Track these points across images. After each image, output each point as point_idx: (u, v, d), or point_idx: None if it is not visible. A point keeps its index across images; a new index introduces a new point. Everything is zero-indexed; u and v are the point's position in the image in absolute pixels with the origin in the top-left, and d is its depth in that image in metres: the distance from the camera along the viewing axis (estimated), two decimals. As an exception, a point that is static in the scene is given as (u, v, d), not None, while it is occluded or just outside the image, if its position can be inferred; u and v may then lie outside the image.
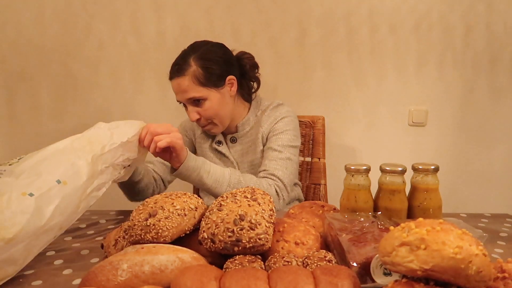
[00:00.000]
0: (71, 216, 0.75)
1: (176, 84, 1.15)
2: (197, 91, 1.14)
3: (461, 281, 0.44)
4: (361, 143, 1.80)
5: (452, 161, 1.80)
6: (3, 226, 0.62)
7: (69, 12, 1.70)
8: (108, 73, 1.76)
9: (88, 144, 0.81)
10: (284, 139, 1.19)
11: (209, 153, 1.29)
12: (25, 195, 0.67)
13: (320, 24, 1.71)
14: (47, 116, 1.78)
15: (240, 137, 1.26)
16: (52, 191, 0.70)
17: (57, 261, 0.76)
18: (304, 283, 0.50)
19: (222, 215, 0.64)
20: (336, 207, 0.87)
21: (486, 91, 1.75)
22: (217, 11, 1.70)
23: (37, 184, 0.69)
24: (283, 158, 1.16)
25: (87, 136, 0.84)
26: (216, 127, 1.22)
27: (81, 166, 0.77)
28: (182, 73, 1.13)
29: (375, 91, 1.76)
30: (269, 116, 1.24)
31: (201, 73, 1.13)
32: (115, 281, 0.56)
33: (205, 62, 1.14)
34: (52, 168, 0.74)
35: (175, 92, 1.17)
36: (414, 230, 0.46)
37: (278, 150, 1.17)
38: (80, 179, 0.76)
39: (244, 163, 1.26)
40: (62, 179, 0.72)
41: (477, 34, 1.70)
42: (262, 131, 1.22)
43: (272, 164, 1.14)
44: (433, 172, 0.83)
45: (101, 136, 0.85)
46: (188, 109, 1.18)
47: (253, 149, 1.24)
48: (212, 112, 1.17)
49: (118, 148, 0.86)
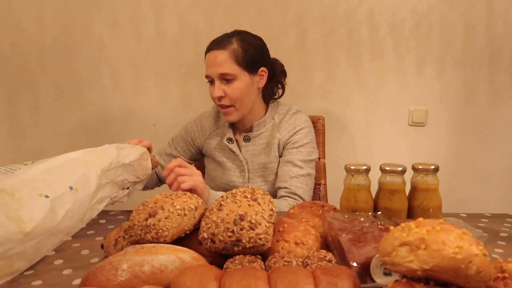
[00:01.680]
0: (77, 223, 0.81)
1: (213, 57, 1.15)
2: (231, 68, 1.14)
3: (461, 281, 0.44)
4: (361, 143, 1.80)
5: (452, 161, 1.80)
6: (22, 220, 0.67)
7: (69, 12, 1.70)
8: (108, 73, 1.76)
9: (98, 159, 0.88)
10: (304, 152, 1.21)
11: (217, 152, 1.28)
12: (41, 196, 0.72)
13: (320, 24, 1.71)
14: (47, 116, 1.78)
15: (253, 137, 1.25)
16: (65, 196, 0.76)
17: (57, 261, 0.76)
18: (304, 283, 0.50)
19: (222, 215, 0.64)
20: (336, 207, 0.87)
21: (486, 91, 1.75)
22: (217, 11, 1.69)
23: (52, 188, 0.75)
24: (304, 175, 1.19)
25: (97, 151, 0.91)
26: (235, 112, 1.19)
27: (91, 177, 0.84)
28: (222, 46, 1.15)
29: (375, 91, 1.76)
30: (288, 123, 1.24)
31: (240, 53, 1.15)
32: (115, 281, 0.56)
33: (246, 44, 1.17)
34: (66, 175, 0.80)
35: (209, 65, 1.16)
36: (414, 230, 0.46)
37: (299, 166, 1.19)
38: (90, 188, 0.83)
39: (255, 164, 1.25)
40: (74, 186, 0.79)
41: (477, 34, 1.70)
42: (280, 137, 1.23)
43: (294, 182, 1.17)
44: (433, 172, 0.83)
45: (109, 153, 0.92)
46: (215, 85, 1.16)
47: (267, 152, 1.24)
48: (238, 94, 1.16)
49: (119, 168, 0.93)
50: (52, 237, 0.74)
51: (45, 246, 0.74)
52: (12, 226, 0.66)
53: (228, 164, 1.26)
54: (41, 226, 0.69)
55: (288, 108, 1.29)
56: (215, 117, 1.32)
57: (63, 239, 0.79)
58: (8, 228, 0.65)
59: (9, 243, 0.65)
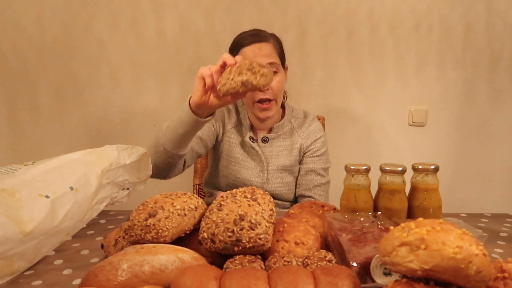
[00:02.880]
0: (78, 223, 0.81)
1: (258, 48, 1.14)
2: (276, 59, 1.17)
3: (461, 281, 0.44)
4: (361, 143, 1.81)
5: (452, 161, 1.80)
6: (22, 220, 0.67)
7: (69, 12, 1.70)
8: (108, 73, 1.76)
9: (98, 159, 0.88)
10: (324, 161, 1.27)
11: (238, 148, 1.25)
12: (41, 196, 0.72)
13: (320, 24, 1.71)
14: (47, 116, 1.78)
15: (272, 138, 1.25)
16: (65, 196, 0.76)
17: (57, 261, 0.76)
18: (304, 283, 0.50)
19: (222, 215, 0.64)
20: (336, 207, 0.87)
21: (486, 91, 1.75)
22: (217, 11, 1.70)
23: (52, 188, 0.75)
24: (325, 183, 1.25)
25: (98, 152, 0.91)
26: (274, 107, 1.19)
27: (91, 177, 0.84)
28: (265, 39, 1.16)
29: (375, 91, 1.76)
30: (309, 129, 1.27)
31: (278, 47, 1.20)
32: (115, 281, 0.56)
33: (278, 40, 1.23)
34: (66, 175, 0.80)
35: (253, 56, 1.12)
36: (414, 230, 0.46)
37: (322, 175, 1.25)
38: (90, 189, 0.83)
39: (274, 165, 1.23)
40: (75, 187, 0.79)
41: (477, 34, 1.70)
42: (302, 143, 1.25)
43: (317, 191, 1.22)
44: (433, 172, 0.83)
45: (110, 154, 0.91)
46: None
47: (286, 154, 1.24)
48: (280, 87, 1.18)
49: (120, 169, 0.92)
50: (52, 237, 0.74)
51: (45, 246, 0.74)
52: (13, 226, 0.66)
53: (247, 163, 1.24)
54: (41, 226, 0.69)
55: (303, 113, 1.32)
56: (235, 113, 1.29)
57: (63, 239, 0.80)
58: (9, 228, 0.65)
59: (9, 243, 0.65)
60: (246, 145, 1.25)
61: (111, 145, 0.95)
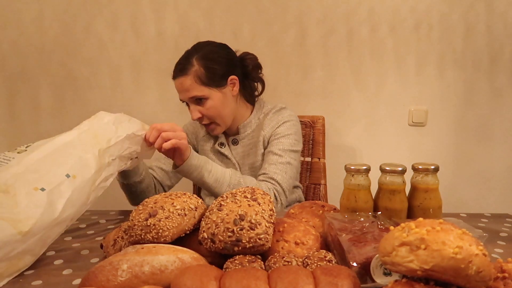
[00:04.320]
0: (81, 207, 0.78)
1: (179, 83, 1.17)
2: (199, 90, 1.15)
3: (461, 281, 0.44)
4: (361, 143, 1.80)
5: (452, 161, 1.80)
6: (19, 219, 0.65)
7: (69, 12, 1.70)
8: (108, 73, 1.76)
9: (93, 138, 0.84)
10: (285, 143, 1.19)
11: (211, 154, 1.29)
12: (37, 190, 0.70)
13: (320, 24, 1.71)
14: (47, 116, 1.78)
15: (241, 139, 1.26)
16: (62, 186, 0.73)
17: (57, 261, 0.76)
18: (304, 283, 0.50)
19: (222, 215, 0.64)
20: (336, 207, 0.87)
21: (486, 91, 1.74)
22: (217, 11, 1.70)
23: (47, 179, 0.72)
24: (283, 163, 1.16)
25: (93, 130, 0.86)
26: (218, 127, 1.22)
27: (88, 160, 0.80)
28: (184, 72, 1.15)
29: (375, 91, 1.76)
30: (271, 119, 1.24)
31: (203, 73, 1.14)
32: (115, 282, 0.56)
33: (207, 62, 1.16)
34: (61, 162, 0.76)
35: (178, 91, 1.19)
36: (414, 230, 0.46)
37: (279, 154, 1.17)
38: (89, 172, 0.79)
39: (245, 165, 1.26)
40: (71, 173, 0.75)
41: (477, 34, 1.70)
42: (264, 134, 1.23)
43: (272, 168, 1.15)
44: (433, 172, 0.83)
45: (107, 131, 0.87)
46: (190, 108, 1.19)
47: (254, 151, 1.24)
48: (214, 112, 1.18)
49: (125, 141, 0.88)
50: (55, 228, 0.72)
51: (49, 237, 0.73)
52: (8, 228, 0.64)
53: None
54: (40, 223, 0.67)
55: (273, 106, 1.29)
56: None
57: (68, 224, 0.77)
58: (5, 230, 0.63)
59: (8, 246, 0.64)
60: (217, 151, 1.28)
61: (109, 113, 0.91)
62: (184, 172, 1.03)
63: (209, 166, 1.05)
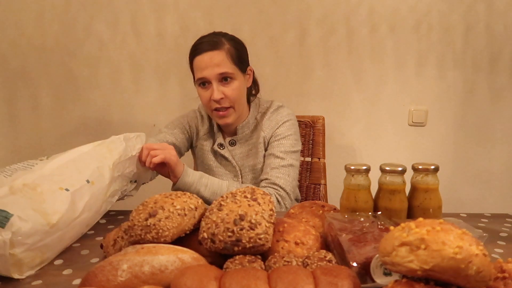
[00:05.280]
0: (95, 215, 0.85)
1: (209, 58, 1.11)
2: (229, 67, 1.12)
3: (461, 281, 0.44)
4: (361, 143, 1.80)
5: (452, 161, 1.80)
6: (47, 213, 0.71)
7: (69, 12, 1.70)
8: (108, 73, 1.76)
9: (108, 152, 0.91)
10: (286, 144, 1.18)
11: (210, 155, 1.26)
12: (62, 189, 0.76)
13: (320, 24, 1.71)
14: (47, 116, 1.79)
15: (239, 140, 1.23)
16: (83, 189, 0.80)
17: (57, 261, 0.76)
18: (304, 283, 0.50)
19: (222, 215, 0.64)
20: (336, 207, 0.87)
21: (486, 91, 1.74)
22: (217, 11, 1.70)
23: (70, 182, 0.79)
24: (286, 165, 1.15)
25: (107, 144, 0.93)
26: (233, 114, 1.17)
27: (104, 170, 0.87)
28: (216, 47, 1.12)
29: (375, 91, 1.76)
30: (270, 119, 1.22)
31: (234, 52, 1.14)
32: (115, 282, 0.56)
33: (236, 44, 1.17)
34: (81, 168, 0.83)
35: (204, 66, 1.12)
36: (414, 230, 0.46)
37: (280, 157, 1.16)
38: (104, 181, 0.86)
39: (246, 167, 1.23)
40: (91, 180, 0.82)
41: (477, 34, 1.70)
42: (264, 135, 1.21)
43: (274, 173, 1.14)
44: (433, 172, 0.83)
45: (118, 146, 0.94)
46: (213, 87, 1.12)
47: (254, 153, 1.22)
48: (237, 94, 1.14)
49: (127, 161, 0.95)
50: (74, 228, 0.78)
51: (68, 237, 0.78)
52: (40, 219, 0.69)
53: (221, 170, 1.24)
54: (65, 218, 0.73)
55: (269, 104, 1.26)
56: (207, 119, 1.29)
57: (84, 231, 0.84)
58: (36, 220, 0.68)
59: (38, 235, 0.69)
60: (216, 152, 1.25)
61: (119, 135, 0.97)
62: (181, 189, 1.04)
63: (204, 180, 1.06)
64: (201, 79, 1.14)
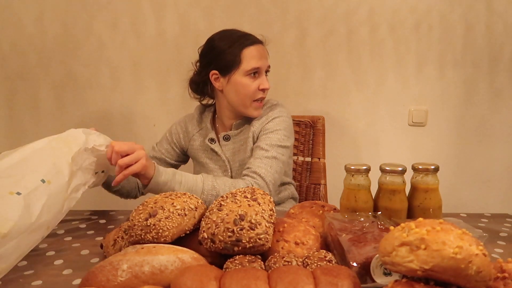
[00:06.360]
0: (56, 216, 0.76)
1: (262, 49, 1.19)
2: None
3: (461, 281, 0.44)
4: (361, 143, 1.80)
5: (452, 161, 1.80)
6: None
7: (69, 12, 1.70)
8: (108, 73, 1.76)
9: (65, 145, 0.82)
10: (273, 138, 1.17)
11: (200, 152, 1.28)
12: (13, 194, 0.68)
13: (320, 24, 1.71)
14: (47, 116, 1.78)
15: (233, 136, 1.25)
16: (39, 190, 0.71)
17: (57, 261, 0.76)
18: (304, 283, 0.50)
19: (222, 215, 0.64)
20: (336, 207, 0.87)
21: (486, 91, 1.74)
22: (217, 11, 1.69)
23: (23, 183, 0.70)
24: (269, 157, 1.13)
25: (63, 137, 0.85)
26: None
27: (62, 166, 0.78)
28: (263, 42, 1.21)
29: (375, 91, 1.76)
30: (261, 116, 1.23)
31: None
32: (115, 282, 0.56)
33: None
34: (35, 167, 0.75)
35: (259, 56, 1.17)
36: (414, 230, 0.46)
37: (265, 149, 1.15)
38: (63, 178, 0.77)
39: (236, 162, 1.24)
40: (47, 179, 0.74)
41: (477, 34, 1.70)
42: (253, 130, 1.21)
43: (257, 162, 1.12)
44: (433, 172, 0.83)
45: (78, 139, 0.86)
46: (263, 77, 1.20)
47: (244, 148, 1.23)
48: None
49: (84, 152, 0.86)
50: (32, 234, 0.70)
51: (25, 245, 0.69)
52: None
53: (211, 165, 1.25)
54: (18, 226, 0.65)
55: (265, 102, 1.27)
56: (198, 118, 1.32)
57: (44, 234, 0.75)
58: None
59: None
60: (207, 148, 1.26)
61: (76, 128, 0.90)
62: (154, 190, 0.98)
63: (178, 177, 1.01)
64: (255, 69, 1.16)
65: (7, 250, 0.64)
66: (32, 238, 0.70)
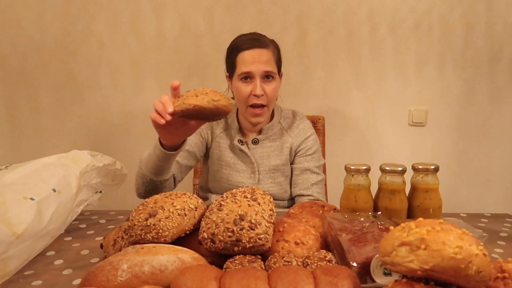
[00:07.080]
0: (61, 225, 0.82)
1: (258, 53, 1.15)
2: (273, 67, 1.18)
3: (461, 281, 0.44)
4: (361, 143, 1.81)
5: (452, 161, 1.80)
6: (12, 223, 0.67)
7: (69, 12, 1.70)
8: (108, 73, 1.76)
9: (73, 162, 0.89)
10: (317, 158, 1.27)
11: (228, 152, 1.27)
12: (26, 198, 0.72)
13: (320, 24, 1.71)
14: (47, 116, 1.78)
15: (262, 140, 1.26)
16: (50, 198, 0.76)
17: (57, 261, 0.76)
18: (304, 283, 0.50)
19: (222, 215, 0.64)
20: (336, 207, 0.87)
21: (486, 91, 1.75)
22: (217, 11, 1.70)
23: (36, 191, 0.75)
24: (321, 180, 1.26)
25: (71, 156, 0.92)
26: (266, 113, 1.21)
27: (70, 179, 0.84)
28: (265, 45, 1.17)
29: (375, 91, 1.76)
30: (298, 128, 1.28)
31: (276, 53, 1.20)
32: (115, 282, 0.56)
33: (276, 46, 1.23)
34: (47, 177, 0.80)
35: (252, 61, 1.15)
36: (414, 230, 0.46)
37: (317, 173, 1.25)
38: (71, 191, 0.83)
39: (265, 166, 1.25)
40: (57, 189, 0.79)
41: (477, 34, 1.70)
42: (292, 142, 1.26)
43: (315, 189, 1.23)
44: (433, 172, 0.83)
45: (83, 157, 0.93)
46: (255, 82, 1.15)
47: (277, 154, 1.25)
48: (273, 94, 1.19)
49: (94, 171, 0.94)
50: (40, 240, 0.74)
51: (34, 249, 0.73)
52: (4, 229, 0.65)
53: (239, 166, 1.25)
54: (31, 228, 0.69)
55: (291, 112, 1.32)
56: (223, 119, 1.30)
57: (48, 242, 0.79)
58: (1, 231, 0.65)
59: (2, 246, 0.65)
60: (235, 148, 1.26)
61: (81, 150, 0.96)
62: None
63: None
64: (245, 73, 1.16)
65: (19, 250, 0.68)
66: (40, 244, 0.75)
